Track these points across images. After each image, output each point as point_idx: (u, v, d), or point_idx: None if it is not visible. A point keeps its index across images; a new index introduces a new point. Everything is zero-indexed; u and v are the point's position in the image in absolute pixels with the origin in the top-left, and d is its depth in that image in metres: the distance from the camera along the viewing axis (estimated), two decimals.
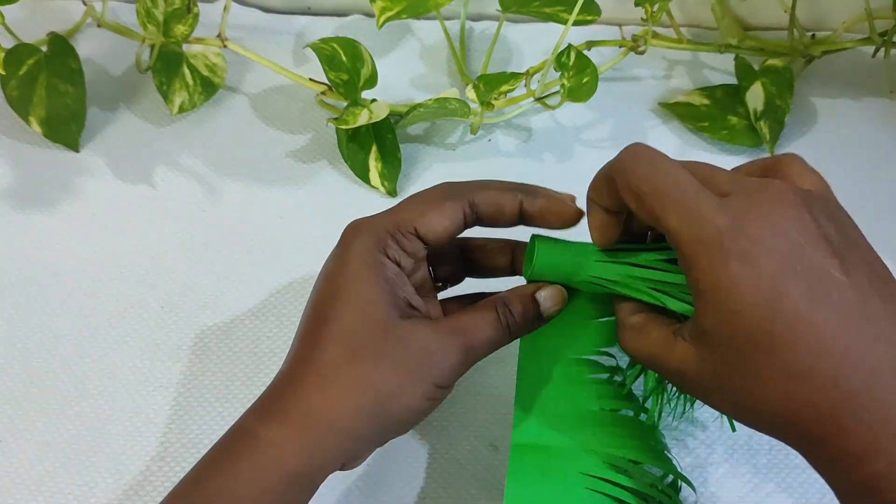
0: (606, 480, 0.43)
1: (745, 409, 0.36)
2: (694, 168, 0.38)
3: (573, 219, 0.44)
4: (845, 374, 0.33)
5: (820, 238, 0.35)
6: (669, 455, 0.47)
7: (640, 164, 0.38)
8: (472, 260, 0.49)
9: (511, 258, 0.48)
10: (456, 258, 0.49)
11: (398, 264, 0.43)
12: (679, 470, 0.46)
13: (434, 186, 0.45)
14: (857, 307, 0.34)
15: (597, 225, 0.41)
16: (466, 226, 0.45)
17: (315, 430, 0.40)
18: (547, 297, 0.44)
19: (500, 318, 0.43)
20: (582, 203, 0.43)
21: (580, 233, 0.43)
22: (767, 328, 0.34)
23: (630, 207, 0.38)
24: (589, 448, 0.44)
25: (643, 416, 0.46)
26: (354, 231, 0.44)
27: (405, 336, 0.41)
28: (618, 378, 0.47)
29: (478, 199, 0.44)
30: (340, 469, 0.42)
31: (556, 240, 0.44)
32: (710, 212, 0.35)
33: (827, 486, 0.49)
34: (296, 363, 0.42)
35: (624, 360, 0.47)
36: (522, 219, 0.45)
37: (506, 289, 0.45)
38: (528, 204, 0.44)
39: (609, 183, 0.39)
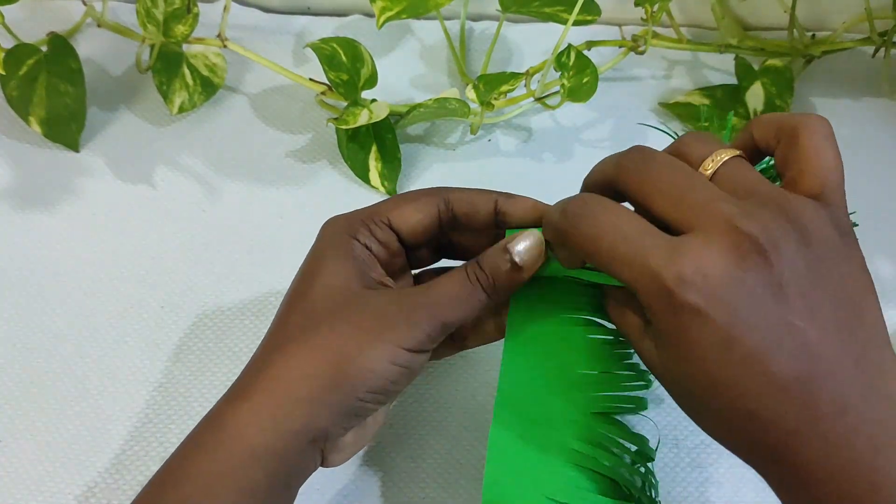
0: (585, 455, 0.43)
1: (705, 423, 0.36)
2: (656, 185, 0.37)
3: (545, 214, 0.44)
4: (786, 413, 0.33)
5: (778, 285, 0.33)
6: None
7: (582, 224, 0.37)
8: (451, 242, 0.48)
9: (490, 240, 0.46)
10: (429, 243, 0.48)
11: (369, 249, 0.44)
12: (652, 448, 0.45)
13: (419, 189, 0.46)
14: (807, 356, 0.33)
15: (563, 257, 0.42)
16: (441, 222, 0.45)
17: (273, 399, 0.39)
18: (521, 247, 0.42)
19: (469, 276, 0.42)
20: None
21: None
22: (715, 374, 0.34)
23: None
24: (571, 418, 0.43)
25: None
26: (328, 222, 0.45)
27: (364, 300, 0.41)
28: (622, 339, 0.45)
29: (453, 197, 0.44)
30: (323, 463, 0.42)
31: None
32: (658, 264, 0.34)
33: None
34: (263, 345, 0.42)
35: None
36: (498, 218, 0.44)
37: None
38: (503, 202, 0.44)
39: (562, 237, 0.39)
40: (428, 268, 0.49)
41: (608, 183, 0.40)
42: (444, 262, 0.49)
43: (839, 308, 0.34)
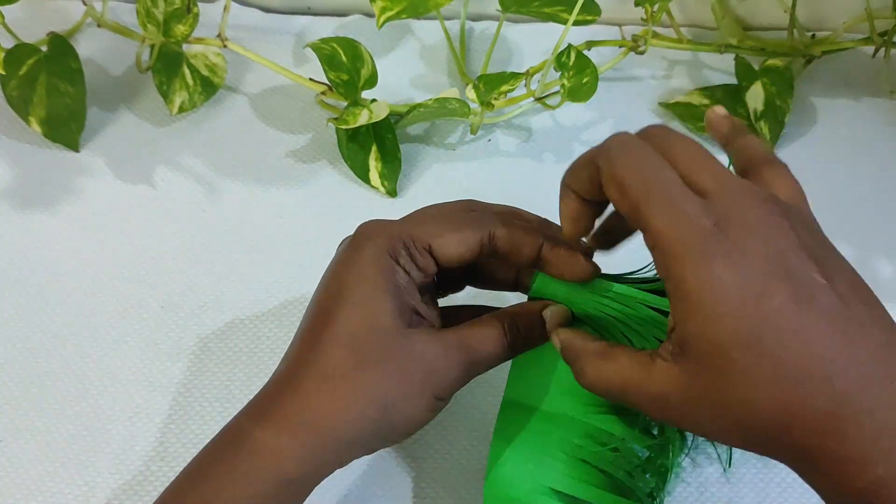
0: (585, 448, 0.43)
1: (737, 423, 0.35)
2: (678, 156, 0.36)
3: (585, 275, 0.43)
4: (839, 375, 0.32)
5: (800, 245, 0.34)
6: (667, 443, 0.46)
7: (628, 155, 0.36)
8: (478, 270, 0.48)
9: (516, 274, 0.47)
10: (461, 267, 0.48)
11: (408, 273, 0.42)
12: (670, 454, 0.45)
13: (456, 203, 0.45)
14: (841, 310, 0.33)
15: (569, 214, 0.40)
16: (482, 256, 0.44)
17: (316, 437, 0.39)
18: (553, 316, 0.43)
19: (506, 335, 0.43)
20: (598, 255, 0.43)
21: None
22: (755, 330, 0.33)
23: (609, 198, 0.37)
24: (572, 415, 0.44)
25: None
26: (368, 233, 0.43)
27: (411, 346, 0.41)
28: None
29: (499, 234, 0.43)
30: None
31: None
32: (694, 213, 0.34)
33: None
34: (296, 364, 0.41)
35: None
36: (539, 264, 0.44)
37: (502, 302, 0.45)
38: (548, 251, 0.43)
39: (591, 169, 0.37)
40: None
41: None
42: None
43: (851, 279, 0.35)
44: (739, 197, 0.35)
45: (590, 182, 0.38)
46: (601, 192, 0.37)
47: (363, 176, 0.63)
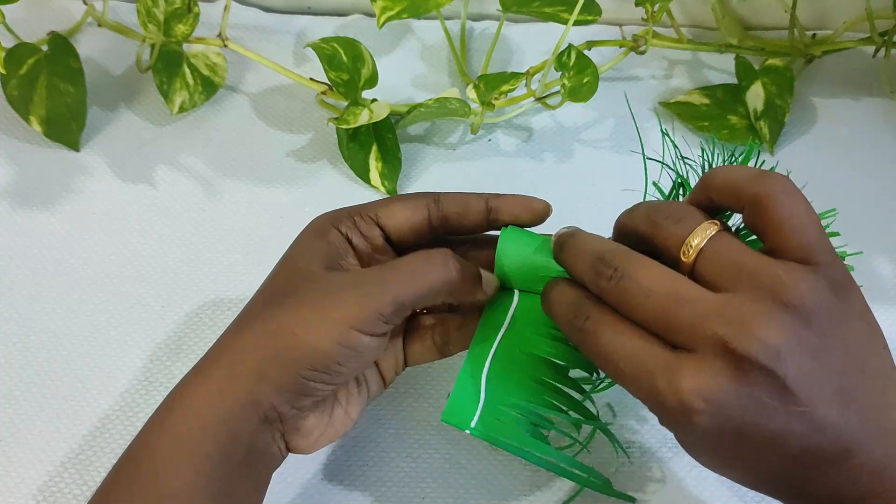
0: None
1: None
2: (652, 300, 0.36)
3: (542, 211, 0.44)
4: (797, 475, 0.35)
5: (783, 388, 0.33)
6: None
7: (587, 341, 0.38)
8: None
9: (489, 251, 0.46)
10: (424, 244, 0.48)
11: (347, 239, 0.44)
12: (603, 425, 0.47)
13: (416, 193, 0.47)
14: (819, 424, 0.34)
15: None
16: (431, 223, 0.45)
17: (220, 371, 0.40)
18: (490, 277, 0.44)
19: (433, 252, 0.41)
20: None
21: None
22: (731, 464, 0.36)
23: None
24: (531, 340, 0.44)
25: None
26: (317, 216, 0.46)
27: (319, 280, 0.41)
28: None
29: (444, 197, 0.45)
30: (289, 448, 0.42)
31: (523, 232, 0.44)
32: (663, 388, 0.34)
33: None
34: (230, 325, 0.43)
35: None
36: (490, 216, 0.44)
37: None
38: (494, 200, 0.44)
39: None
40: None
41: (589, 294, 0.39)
42: None
43: (844, 375, 0.35)
44: (714, 358, 0.34)
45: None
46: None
47: (363, 176, 0.63)
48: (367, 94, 0.63)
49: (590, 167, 0.64)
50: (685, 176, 0.48)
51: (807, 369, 0.34)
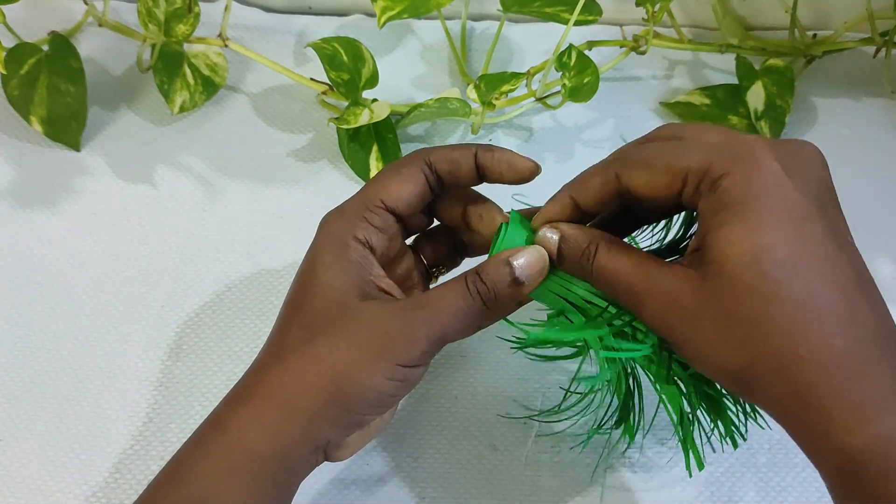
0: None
1: (739, 344, 0.34)
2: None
3: (528, 171, 0.44)
4: (860, 320, 0.34)
5: (834, 199, 0.36)
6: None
7: (654, 133, 0.39)
8: (463, 238, 0.49)
9: (463, 209, 0.46)
10: (447, 240, 0.49)
11: (369, 246, 0.43)
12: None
13: (405, 156, 0.46)
14: (863, 271, 0.36)
15: (552, 215, 0.42)
16: (431, 187, 0.45)
17: (273, 409, 0.40)
18: (523, 261, 0.41)
19: (469, 287, 0.41)
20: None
21: None
22: (793, 251, 0.33)
23: (634, 184, 0.38)
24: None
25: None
26: (324, 221, 0.45)
27: (360, 315, 0.41)
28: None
29: (433, 158, 0.44)
30: (327, 459, 0.42)
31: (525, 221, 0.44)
32: (746, 137, 0.36)
33: (826, 487, 0.49)
34: (263, 352, 0.43)
35: None
36: (479, 173, 0.44)
37: None
38: (482, 156, 0.44)
39: (604, 170, 0.39)
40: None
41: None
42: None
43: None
44: (782, 140, 0.37)
45: (600, 187, 0.40)
46: (605, 199, 0.39)
47: (364, 176, 0.63)
48: (367, 94, 0.63)
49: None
50: None
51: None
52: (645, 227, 0.45)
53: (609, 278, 0.39)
